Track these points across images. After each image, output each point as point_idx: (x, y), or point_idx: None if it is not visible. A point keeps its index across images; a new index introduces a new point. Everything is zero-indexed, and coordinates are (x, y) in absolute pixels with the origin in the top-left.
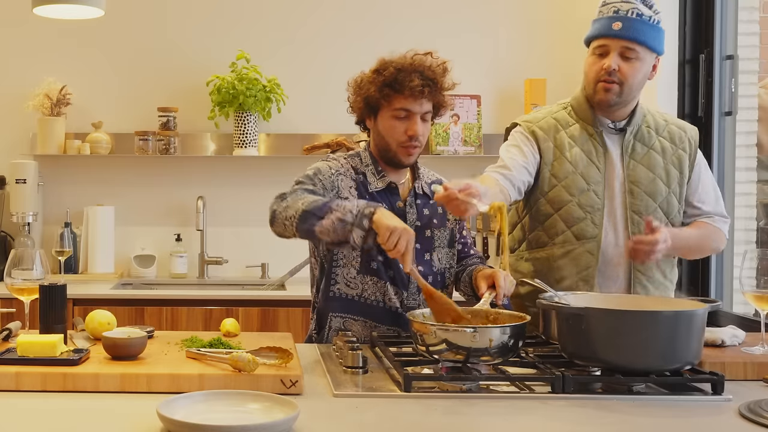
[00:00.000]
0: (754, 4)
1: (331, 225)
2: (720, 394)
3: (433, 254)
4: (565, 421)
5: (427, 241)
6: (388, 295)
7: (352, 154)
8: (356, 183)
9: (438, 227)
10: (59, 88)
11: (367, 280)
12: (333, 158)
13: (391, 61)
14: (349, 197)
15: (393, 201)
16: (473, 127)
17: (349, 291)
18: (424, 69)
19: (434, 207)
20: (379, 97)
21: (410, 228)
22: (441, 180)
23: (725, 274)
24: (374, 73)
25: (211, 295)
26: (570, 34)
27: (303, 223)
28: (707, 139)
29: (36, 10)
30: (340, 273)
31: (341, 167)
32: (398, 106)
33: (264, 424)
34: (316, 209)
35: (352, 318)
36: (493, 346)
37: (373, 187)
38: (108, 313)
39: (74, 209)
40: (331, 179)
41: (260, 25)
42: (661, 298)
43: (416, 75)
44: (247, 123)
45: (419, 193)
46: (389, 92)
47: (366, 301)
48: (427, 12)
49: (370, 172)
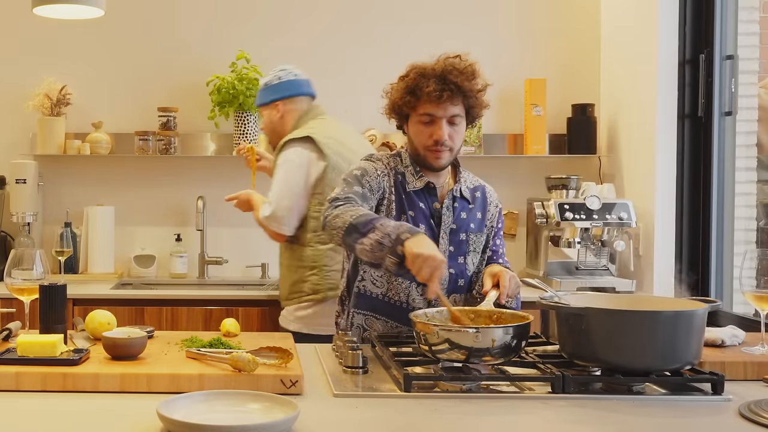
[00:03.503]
0: (754, 4)
1: (370, 245)
2: (720, 394)
3: (467, 258)
4: (565, 421)
5: (461, 245)
6: (413, 296)
7: (393, 154)
8: (395, 183)
9: (474, 232)
10: (59, 88)
11: (393, 280)
12: (377, 158)
13: (414, 67)
14: (389, 197)
15: (430, 201)
16: (473, 127)
17: (375, 289)
18: (447, 73)
19: (473, 212)
20: (402, 104)
21: (441, 256)
22: (484, 186)
23: (725, 274)
24: (399, 80)
25: (211, 295)
26: (570, 34)
27: (347, 236)
28: (707, 139)
29: (36, 10)
30: (367, 270)
31: (385, 168)
32: (422, 111)
33: (264, 424)
34: (362, 225)
35: (374, 316)
36: (495, 346)
37: (411, 187)
38: (108, 313)
39: (74, 209)
40: (378, 180)
41: (260, 25)
42: (661, 298)
43: (435, 80)
44: (247, 123)
45: (457, 196)
46: (410, 99)
47: (390, 300)
48: (427, 13)
49: (409, 173)
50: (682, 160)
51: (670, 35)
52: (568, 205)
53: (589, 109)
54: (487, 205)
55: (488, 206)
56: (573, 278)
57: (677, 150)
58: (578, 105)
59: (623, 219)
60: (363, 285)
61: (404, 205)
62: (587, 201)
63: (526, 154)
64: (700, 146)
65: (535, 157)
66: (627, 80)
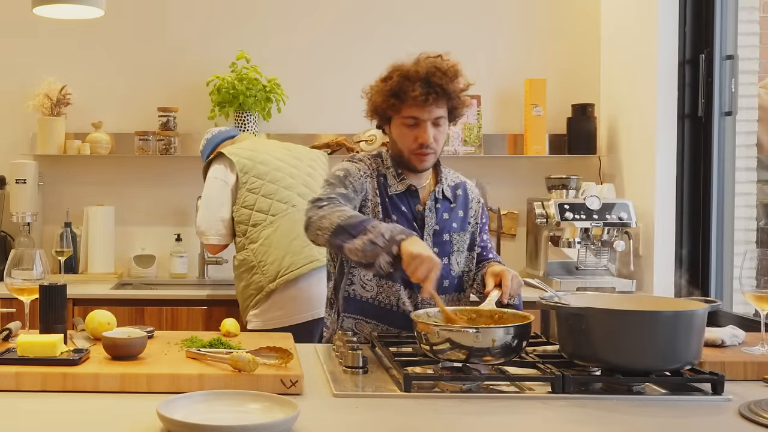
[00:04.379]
0: (754, 4)
1: (361, 245)
2: (720, 394)
3: (451, 258)
4: (565, 421)
5: (445, 245)
6: (402, 299)
7: (374, 155)
8: (378, 186)
9: (457, 231)
10: (59, 88)
11: (382, 283)
12: (359, 159)
13: (397, 68)
14: (373, 199)
15: (412, 204)
16: (473, 127)
17: (364, 293)
18: (431, 75)
19: (454, 211)
20: (386, 107)
21: (437, 258)
22: (465, 183)
23: (725, 274)
24: (381, 82)
25: (211, 295)
26: (570, 35)
27: (335, 237)
28: (707, 139)
29: (36, 10)
30: (356, 274)
31: (367, 169)
32: (406, 114)
33: (264, 424)
34: (351, 227)
35: (364, 320)
36: (496, 346)
37: (393, 190)
38: (108, 313)
39: (74, 209)
40: (360, 181)
41: (260, 25)
42: (661, 298)
43: (420, 84)
44: (247, 123)
45: (439, 197)
46: (395, 102)
47: (380, 304)
48: (428, 13)
49: (390, 175)
50: (682, 160)
51: (670, 35)
52: (568, 205)
53: (589, 109)
54: (469, 202)
55: (470, 203)
56: (573, 278)
57: (677, 150)
58: (578, 105)
59: (623, 219)
60: (353, 289)
61: (388, 208)
62: (587, 201)
63: (526, 154)
64: (700, 146)
65: (535, 157)
66: (627, 80)
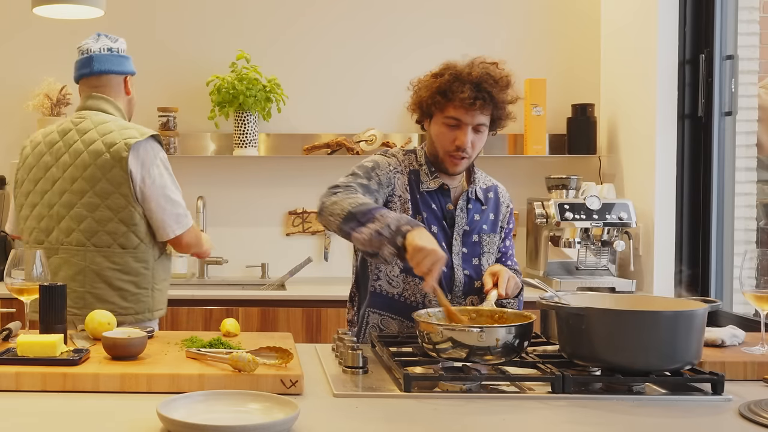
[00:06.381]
0: (754, 4)
1: (368, 234)
2: (720, 394)
3: (482, 259)
4: (565, 421)
5: (475, 246)
6: (429, 296)
7: (408, 150)
8: (410, 182)
9: (488, 233)
10: (59, 88)
11: (410, 279)
12: (391, 154)
13: (449, 67)
14: (403, 195)
15: (443, 203)
16: None
17: (391, 289)
18: (482, 80)
19: (486, 213)
20: (431, 104)
21: (442, 252)
22: (497, 186)
23: (725, 274)
24: (432, 77)
25: (211, 295)
26: (570, 35)
27: (345, 224)
28: (707, 139)
29: (36, 10)
30: (383, 270)
31: (399, 165)
32: (449, 114)
33: (264, 424)
34: (360, 214)
35: (390, 316)
36: (499, 345)
37: (425, 187)
38: (108, 313)
39: None
40: (389, 176)
41: (260, 25)
42: (661, 298)
43: (470, 86)
44: (247, 123)
45: (471, 197)
46: (440, 99)
47: (406, 300)
48: (428, 13)
49: (423, 172)
50: (682, 160)
51: (670, 35)
52: (568, 205)
53: (589, 109)
54: (500, 206)
55: (500, 206)
56: (573, 278)
57: (677, 150)
58: (578, 105)
59: (623, 219)
60: (379, 284)
61: (419, 205)
62: (587, 201)
63: (526, 154)
64: (700, 146)
65: (535, 157)
66: (627, 80)
